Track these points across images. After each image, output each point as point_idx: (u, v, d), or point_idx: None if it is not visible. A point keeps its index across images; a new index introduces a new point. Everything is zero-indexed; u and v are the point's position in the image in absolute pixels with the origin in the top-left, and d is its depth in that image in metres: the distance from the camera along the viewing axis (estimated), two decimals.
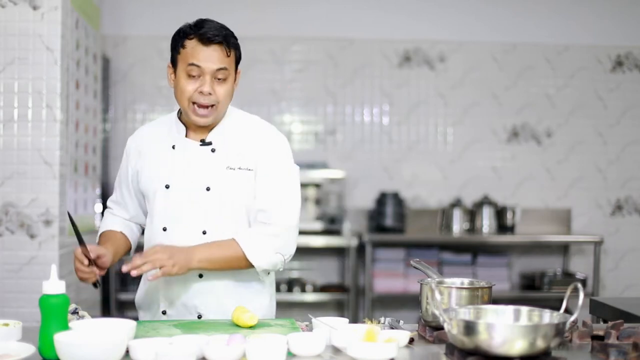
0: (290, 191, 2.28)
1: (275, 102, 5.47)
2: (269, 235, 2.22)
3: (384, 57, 5.54)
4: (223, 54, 2.19)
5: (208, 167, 2.26)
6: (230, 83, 2.23)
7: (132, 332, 1.82)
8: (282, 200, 2.25)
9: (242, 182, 2.25)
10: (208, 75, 2.18)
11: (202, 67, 2.18)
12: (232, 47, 2.22)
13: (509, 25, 5.61)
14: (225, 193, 2.25)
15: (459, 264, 5.29)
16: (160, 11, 5.35)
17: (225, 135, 2.29)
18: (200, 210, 2.25)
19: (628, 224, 5.67)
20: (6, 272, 3.66)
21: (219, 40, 2.18)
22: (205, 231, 2.25)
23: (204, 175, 2.26)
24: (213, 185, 2.25)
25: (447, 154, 5.59)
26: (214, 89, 2.19)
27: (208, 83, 2.19)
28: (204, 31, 2.19)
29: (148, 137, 2.38)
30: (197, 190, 2.25)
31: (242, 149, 2.27)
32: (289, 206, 2.26)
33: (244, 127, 2.32)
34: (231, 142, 2.28)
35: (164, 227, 2.29)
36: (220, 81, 2.20)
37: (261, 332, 1.98)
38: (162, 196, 2.29)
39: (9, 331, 1.83)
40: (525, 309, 1.84)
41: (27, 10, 3.65)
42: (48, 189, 3.66)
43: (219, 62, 2.19)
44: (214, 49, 2.18)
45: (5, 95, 3.67)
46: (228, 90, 2.23)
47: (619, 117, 5.67)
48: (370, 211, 5.42)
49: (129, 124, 5.40)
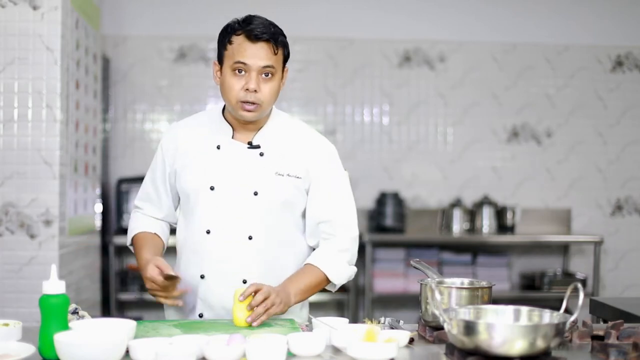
0: (347, 201, 2.31)
1: (275, 102, 5.46)
2: (340, 251, 2.28)
3: (384, 57, 5.54)
4: (270, 52, 2.18)
5: (256, 171, 2.23)
6: (276, 81, 2.22)
7: (132, 332, 1.82)
8: (343, 212, 2.29)
9: (290, 189, 2.24)
10: (254, 72, 2.16)
11: (248, 64, 2.16)
12: (280, 45, 2.20)
13: (509, 25, 5.61)
14: (273, 198, 2.23)
15: (459, 264, 5.29)
16: (160, 11, 5.34)
17: (272, 139, 2.27)
18: (247, 215, 2.22)
19: (628, 224, 5.67)
20: (6, 272, 3.66)
21: (266, 37, 2.16)
22: (252, 236, 2.22)
23: (252, 179, 2.23)
24: (261, 190, 2.22)
25: (447, 154, 5.59)
26: (259, 87, 2.17)
27: (254, 80, 2.16)
28: (251, 27, 2.15)
29: (188, 134, 2.32)
30: (244, 194, 2.22)
31: (291, 155, 2.26)
32: (350, 217, 2.31)
33: (291, 132, 2.30)
34: (279, 147, 2.26)
35: (208, 230, 2.24)
36: (266, 79, 2.19)
37: (261, 332, 1.98)
38: (206, 197, 2.24)
39: (9, 331, 1.83)
40: (525, 309, 1.84)
41: (27, 10, 3.65)
42: (48, 189, 3.66)
43: (266, 60, 2.17)
44: (260, 46, 2.16)
45: (5, 95, 3.66)
46: (274, 88, 2.21)
47: (619, 117, 5.67)
48: (370, 211, 5.42)
49: (129, 124, 5.40)
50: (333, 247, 2.27)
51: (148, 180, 2.39)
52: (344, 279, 2.30)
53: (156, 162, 2.37)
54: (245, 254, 2.23)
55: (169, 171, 2.33)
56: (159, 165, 2.36)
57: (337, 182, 2.31)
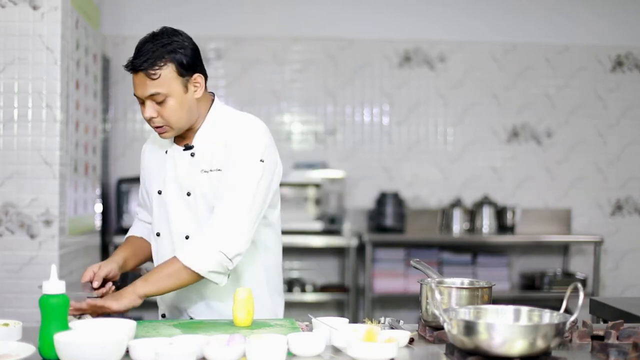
0: (241, 188, 2.14)
1: (275, 102, 5.47)
2: (209, 236, 2.12)
3: (384, 57, 5.54)
4: (148, 80, 2.12)
5: (188, 171, 2.26)
6: (173, 100, 2.15)
7: (132, 332, 1.82)
8: (229, 199, 2.14)
9: (214, 184, 2.21)
10: (147, 100, 2.16)
11: (138, 95, 2.17)
12: (160, 67, 2.12)
13: (509, 25, 5.61)
14: (203, 197, 2.23)
15: (459, 264, 5.29)
16: (160, 11, 5.34)
17: (207, 137, 2.26)
18: (184, 216, 2.26)
19: (628, 224, 5.67)
20: (6, 272, 3.66)
21: (140, 68, 2.12)
22: (188, 236, 2.25)
23: (185, 180, 2.25)
24: (192, 190, 2.24)
25: (447, 154, 5.59)
26: (156, 112, 2.16)
27: (148, 108, 2.16)
28: (130, 60, 2.14)
29: (153, 140, 2.40)
30: (180, 195, 2.26)
31: (215, 150, 2.23)
32: (234, 203, 2.13)
33: (223, 125, 2.26)
34: (210, 144, 2.25)
35: (157, 233, 2.31)
36: (161, 103, 2.15)
37: (261, 332, 1.98)
38: (156, 202, 2.31)
39: (9, 331, 1.83)
40: (525, 309, 1.84)
41: (27, 10, 3.65)
42: (48, 189, 3.66)
43: (149, 88, 2.13)
44: (140, 77, 2.13)
45: (5, 95, 3.66)
46: (173, 107, 2.15)
47: (619, 117, 5.67)
48: (370, 211, 5.42)
49: (129, 124, 5.40)
50: (202, 234, 2.14)
51: (141, 185, 2.47)
52: (208, 267, 2.10)
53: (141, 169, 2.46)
54: None
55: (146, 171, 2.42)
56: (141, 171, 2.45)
57: (237, 171, 2.16)
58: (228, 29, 5.26)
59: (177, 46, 2.16)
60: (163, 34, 2.17)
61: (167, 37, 2.16)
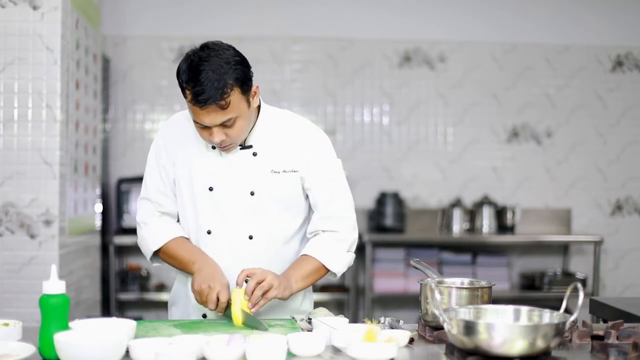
0: (343, 190, 2.31)
1: (275, 102, 5.46)
2: (338, 240, 2.28)
3: (384, 57, 5.54)
4: (219, 110, 2.05)
5: (251, 171, 2.22)
6: (242, 119, 2.11)
7: (132, 332, 1.82)
8: (340, 203, 2.29)
9: (287, 185, 2.24)
10: (214, 128, 2.09)
11: (205, 124, 2.09)
12: (229, 95, 2.05)
13: (509, 25, 5.61)
14: (271, 197, 2.22)
15: (459, 264, 5.29)
16: (160, 11, 5.35)
17: (264, 137, 2.24)
18: (246, 215, 2.23)
19: (628, 224, 5.67)
20: (6, 272, 3.66)
21: (211, 102, 2.03)
22: (252, 236, 2.23)
23: (248, 180, 2.22)
24: (257, 190, 2.22)
25: (447, 154, 5.59)
26: (224, 135, 2.11)
27: (216, 134, 2.10)
28: (196, 90, 2.02)
29: (186, 129, 2.27)
30: (241, 194, 2.22)
31: (285, 150, 2.24)
32: (347, 207, 2.30)
33: (282, 126, 2.27)
34: (272, 144, 2.24)
35: (209, 230, 2.25)
36: (228, 126, 2.09)
37: (261, 332, 1.98)
38: (205, 198, 2.23)
39: (9, 331, 1.83)
40: (525, 309, 1.84)
41: (27, 10, 3.65)
42: (48, 189, 3.66)
43: (220, 117, 2.06)
44: (208, 111, 2.05)
45: (5, 95, 3.67)
46: (240, 125, 2.12)
47: (619, 117, 5.67)
48: (370, 211, 5.42)
49: (129, 124, 5.40)
50: (331, 237, 2.27)
51: (154, 173, 2.30)
52: (343, 267, 2.29)
53: (156, 153, 2.31)
54: (246, 254, 2.24)
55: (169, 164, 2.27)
56: (163, 157, 2.29)
57: (331, 173, 2.29)
58: (228, 29, 5.25)
59: (233, 65, 2.08)
60: (211, 56, 2.06)
61: (218, 58, 2.06)
